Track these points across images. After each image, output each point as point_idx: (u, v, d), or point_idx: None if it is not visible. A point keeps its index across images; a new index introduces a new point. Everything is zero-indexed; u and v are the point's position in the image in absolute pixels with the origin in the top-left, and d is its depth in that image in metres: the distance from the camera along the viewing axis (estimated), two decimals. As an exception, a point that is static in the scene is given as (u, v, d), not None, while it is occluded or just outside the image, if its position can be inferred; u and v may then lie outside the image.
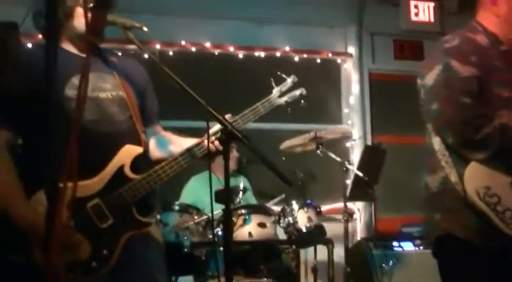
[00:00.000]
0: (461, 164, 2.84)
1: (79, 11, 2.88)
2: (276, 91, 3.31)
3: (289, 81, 3.38)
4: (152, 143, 3.19)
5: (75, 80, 2.81)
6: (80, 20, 2.88)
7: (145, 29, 2.85)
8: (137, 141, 2.94)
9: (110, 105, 2.92)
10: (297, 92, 3.38)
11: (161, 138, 3.23)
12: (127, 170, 2.85)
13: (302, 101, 3.40)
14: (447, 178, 2.90)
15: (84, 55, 2.90)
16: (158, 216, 4.62)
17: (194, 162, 2.94)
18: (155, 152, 3.17)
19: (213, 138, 2.89)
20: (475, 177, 2.82)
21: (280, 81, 3.37)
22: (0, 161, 2.74)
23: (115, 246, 2.79)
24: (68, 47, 2.95)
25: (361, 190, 6.05)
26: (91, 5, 2.78)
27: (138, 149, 2.91)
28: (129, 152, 2.88)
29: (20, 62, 2.65)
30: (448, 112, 2.80)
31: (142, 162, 2.94)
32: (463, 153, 2.84)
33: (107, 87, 2.94)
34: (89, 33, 1.99)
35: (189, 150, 2.92)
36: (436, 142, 2.96)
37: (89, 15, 2.70)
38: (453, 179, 2.86)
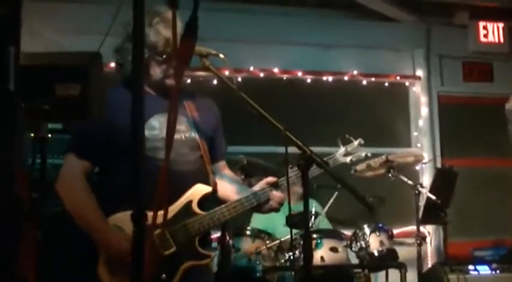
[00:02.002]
0: None
1: (154, 61, 3.03)
2: (341, 150, 3.43)
3: (356, 143, 3.52)
4: (225, 181, 3.33)
5: (153, 121, 3.03)
6: (154, 70, 3.06)
7: (221, 56, 2.93)
8: (206, 181, 3.13)
9: (182, 146, 3.08)
10: (362, 154, 3.50)
11: (228, 176, 3.38)
12: (194, 206, 3.04)
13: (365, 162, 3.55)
14: None
15: (161, 97, 3.07)
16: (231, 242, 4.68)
17: (255, 204, 3.14)
18: (226, 187, 3.30)
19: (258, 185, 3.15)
20: None
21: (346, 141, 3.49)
22: (80, 187, 3.04)
23: (175, 273, 2.95)
24: (146, 90, 3.07)
25: (433, 213, 5.97)
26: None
27: (208, 189, 3.10)
28: (199, 190, 3.08)
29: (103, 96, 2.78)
30: None
31: (209, 200, 3.13)
32: None
33: (180, 129, 3.11)
34: (178, 61, 2.04)
35: (254, 194, 3.11)
36: None
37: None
38: None
